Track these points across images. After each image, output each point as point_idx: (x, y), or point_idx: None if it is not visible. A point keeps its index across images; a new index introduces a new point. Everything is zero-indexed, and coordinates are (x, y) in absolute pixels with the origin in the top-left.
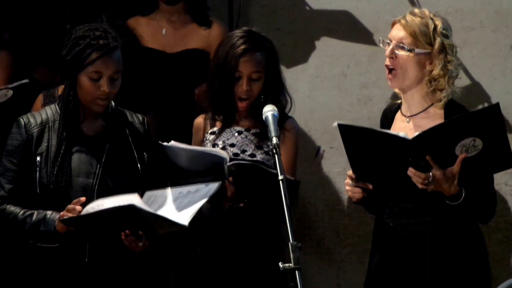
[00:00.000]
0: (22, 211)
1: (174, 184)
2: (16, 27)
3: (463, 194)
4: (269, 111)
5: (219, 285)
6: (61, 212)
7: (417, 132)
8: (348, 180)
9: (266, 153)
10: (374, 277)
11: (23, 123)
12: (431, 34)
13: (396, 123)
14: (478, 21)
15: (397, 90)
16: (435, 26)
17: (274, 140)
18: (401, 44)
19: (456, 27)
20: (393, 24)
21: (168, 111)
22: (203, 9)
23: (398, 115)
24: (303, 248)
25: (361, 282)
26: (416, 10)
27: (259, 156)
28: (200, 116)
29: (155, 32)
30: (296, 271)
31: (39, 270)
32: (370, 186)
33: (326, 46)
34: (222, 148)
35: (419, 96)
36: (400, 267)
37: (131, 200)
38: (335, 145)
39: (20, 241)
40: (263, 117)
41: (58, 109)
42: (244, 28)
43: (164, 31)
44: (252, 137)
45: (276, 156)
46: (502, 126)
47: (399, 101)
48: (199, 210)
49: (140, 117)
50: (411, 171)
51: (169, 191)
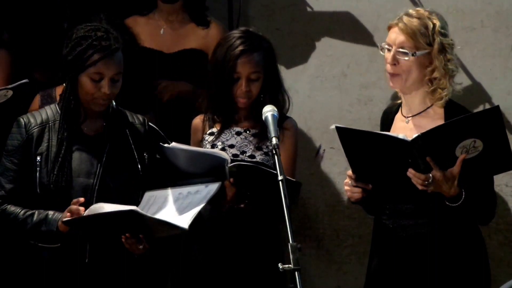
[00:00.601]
0: (22, 211)
1: (174, 184)
2: (15, 26)
3: (463, 196)
4: (268, 111)
5: (218, 286)
6: (63, 213)
7: (417, 133)
8: (347, 180)
9: (266, 153)
10: (373, 278)
11: (23, 123)
12: (431, 34)
13: (396, 124)
14: (478, 21)
15: (397, 89)
16: (434, 26)
17: (274, 140)
18: (402, 49)
19: (456, 27)
20: (390, 28)
21: (166, 112)
22: (201, 9)
23: (398, 115)
24: (303, 249)
25: (361, 283)
26: (411, 11)
27: (258, 157)
28: (198, 117)
29: (153, 31)
30: (296, 272)
31: (39, 270)
32: (369, 186)
33: (326, 46)
34: (221, 149)
35: (420, 96)
36: (399, 269)
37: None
38: (335, 145)
39: (20, 241)
40: (263, 118)
41: (58, 109)
42: (241, 29)
43: (162, 31)
44: (251, 138)
45: (275, 156)
46: (502, 127)
47: (399, 101)
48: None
49: (140, 118)
50: (411, 172)
51: (168, 192)
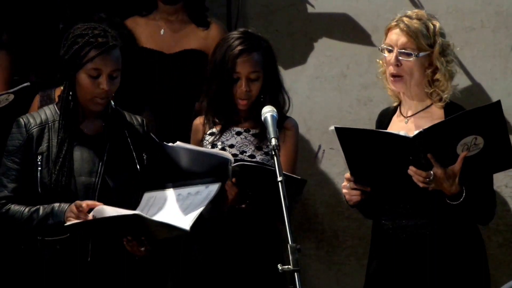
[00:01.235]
0: (27, 209)
1: (173, 184)
2: (15, 27)
3: (464, 194)
4: (268, 112)
5: (218, 286)
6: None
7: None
8: (345, 183)
9: (266, 153)
10: (373, 280)
11: (23, 123)
12: (432, 35)
13: (394, 124)
14: (478, 21)
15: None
16: (434, 27)
17: (273, 141)
18: (405, 50)
19: (456, 27)
20: (389, 30)
21: (166, 112)
22: (201, 9)
23: (394, 117)
24: (302, 250)
25: (361, 284)
26: (410, 12)
27: (258, 157)
28: (199, 117)
29: (153, 32)
30: (295, 273)
31: (40, 270)
32: (368, 188)
33: (325, 46)
34: (221, 149)
35: (419, 96)
36: (399, 270)
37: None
38: (334, 146)
39: (21, 241)
40: (262, 119)
41: (57, 109)
42: (240, 29)
43: (162, 31)
44: (251, 138)
45: (275, 157)
46: (503, 123)
47: (395, 103)
48: None
49: (139, 119)
50: (411, 170)
51: (168, 193)
